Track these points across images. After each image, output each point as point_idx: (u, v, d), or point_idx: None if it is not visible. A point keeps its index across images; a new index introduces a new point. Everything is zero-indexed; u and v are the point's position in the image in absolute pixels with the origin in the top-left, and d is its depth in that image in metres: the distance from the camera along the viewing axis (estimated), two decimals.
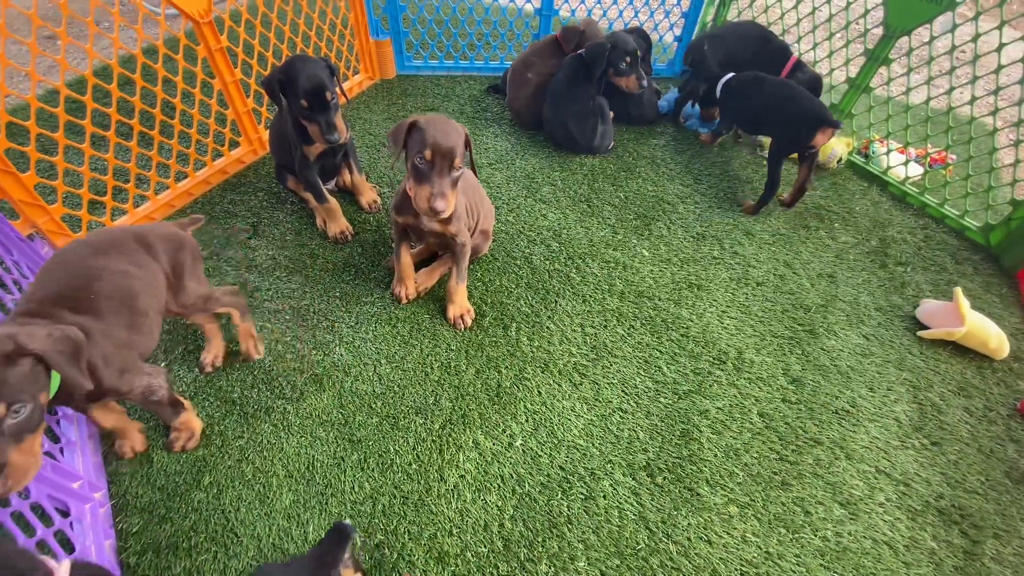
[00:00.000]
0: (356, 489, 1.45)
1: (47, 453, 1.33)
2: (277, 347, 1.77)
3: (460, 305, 1.88)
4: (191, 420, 1.52)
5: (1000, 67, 2.17)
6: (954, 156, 2.66)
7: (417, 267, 2.00)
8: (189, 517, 1.40)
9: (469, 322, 1.88)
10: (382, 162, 2.59)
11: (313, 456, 1.52)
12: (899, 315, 2.05)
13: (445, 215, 1.49)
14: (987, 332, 1.88)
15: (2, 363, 0.93)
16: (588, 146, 2.68)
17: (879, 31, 2.49)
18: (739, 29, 2.82)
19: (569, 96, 2.60)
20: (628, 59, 2.57)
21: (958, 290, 1.92)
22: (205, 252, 2.05)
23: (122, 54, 3.02)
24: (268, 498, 1.43)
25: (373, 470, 1.49)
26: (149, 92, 2.06)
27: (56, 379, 1.05)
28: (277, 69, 1.79)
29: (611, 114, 2.75)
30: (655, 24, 3.31)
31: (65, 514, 1.31)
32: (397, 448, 1.54)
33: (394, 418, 1.61)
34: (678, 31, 3.31)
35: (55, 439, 1.46)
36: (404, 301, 1.93)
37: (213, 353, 1.70)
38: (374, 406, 1.64)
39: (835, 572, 1.38)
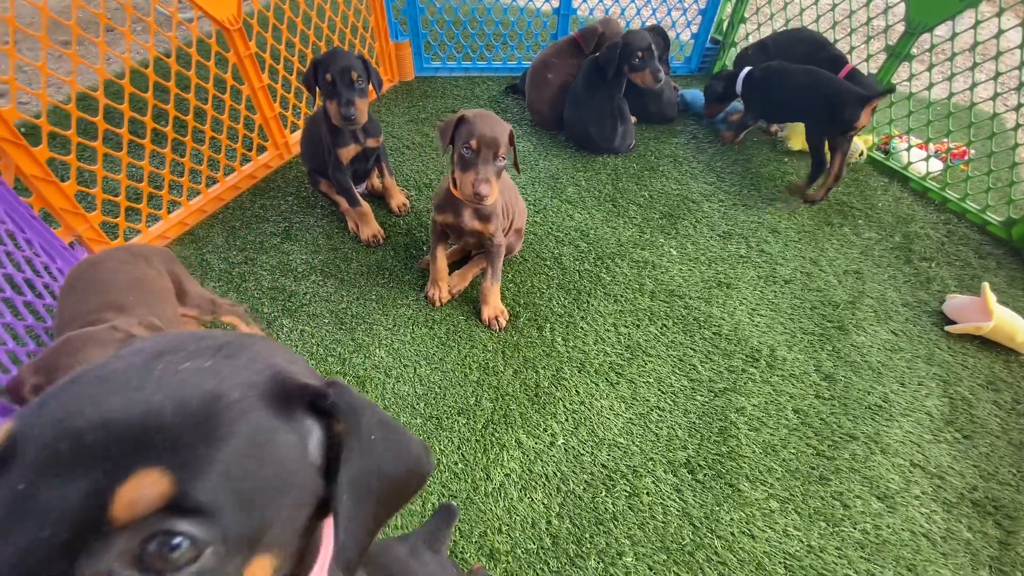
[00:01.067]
0: None
1: None
2: (319, 350, 1.80)
3: (494, 307, 1.91)
4: None
5: (1022, 63, 2.19)
6: (974, 151, 2.68)
7: (449, 269, 2.03)
8: None
9: (504, 323, 1.91)
10: (407, 165, 2.61)
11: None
12: (926, 310, 2.07)
13: (488, 201, 1.56)
14: (1015, 326, 1.91)
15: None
16: (609, 147, 2.70)
17: (901, 27, 2.50)
18: (792, 35, 2.81)
19: (588, 99, 2.62)
20: (640, 54, 2.50)
21: (986, 285, 1.94)
22: (238, 257, 2.08)
23: (146, 60, 3.04)
24: None
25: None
26: (181, 99, 2.08)
27: None
28: (315, 57, 1.85)
29: (632, 118, 2.77)
30: (672, 22, 3.32)
31: None
32: (442, 448, 1.58)
33: (437, 419, 1.64)
34: (695, 28, 3.32)
35: None
36: (438, 304, 1.96)
37: None
38: (417, 407, 1.67)
39: (876, 564, 1.41)
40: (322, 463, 0.42)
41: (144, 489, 0.31)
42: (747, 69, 2.58)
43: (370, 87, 1.88)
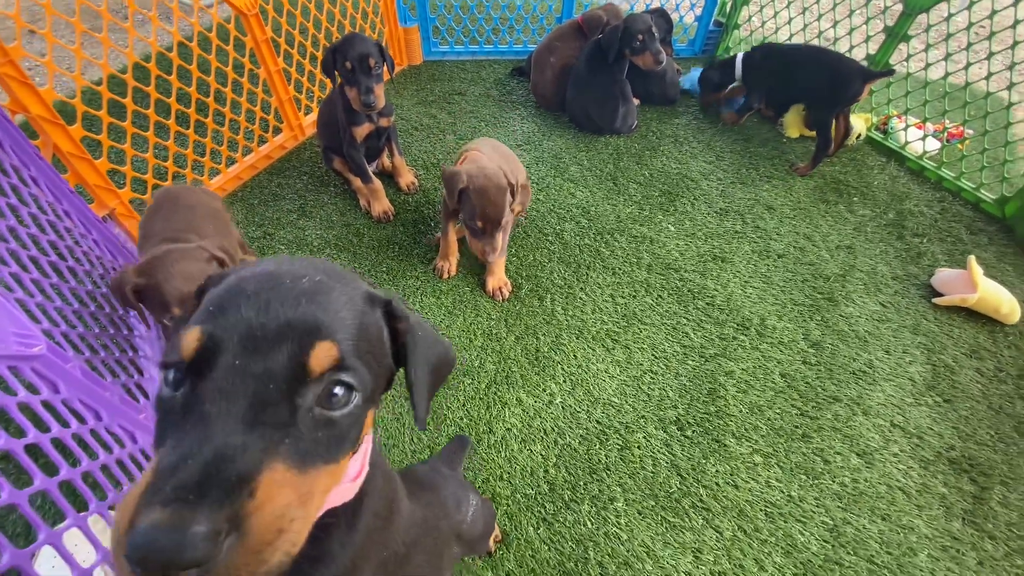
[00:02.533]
0: (415, 440, 1.61)
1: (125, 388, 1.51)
2: None
3: (499, 278, 2.02)
4: None
5: (1016, 43, 2.23)
6: (971, 131, 2.72)
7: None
8: None
9: (507, 294, 2.02)
10: (416, 146, 2.71)
11: (375, 414, 1.67)
12: (915, 283, 2.15)
13: (492, 258, 1.86)
14: (999, 298, 1.98)
15: (207, 268, 1.29)
16: (610, 128, 2.78)
17: (899, 8, 2.54)
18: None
19: (590, 81, 2.69)
20: (640, 37, 2.52)
21: (972, 258, 2.01)
22: (257, 233, 2.21)
23: (170, 44, 3.16)
24: None
25: (428, 425, 1.65)
26: (203, 82, 2.20)
27: None
28: (332, 43, 1.94)
29: (635, 101, 2.84)
30: (676, 4, 3.37)
31: (134, 440, 1.48)
32: (449, 405, 1.70)
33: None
34: (699, 11, 3.36)
35: (147, 396, 1.63)
36: (446, 276, 2.07)
37: None
38: None
39: (851, 513, 1.52)
40: (391, 348, 0.61)
41: (324, 353, 0.48)
42: (743, 52, 2.63)
43: (384, 70, 1.98)
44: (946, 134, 2.73)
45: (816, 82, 2.42)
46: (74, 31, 1.75)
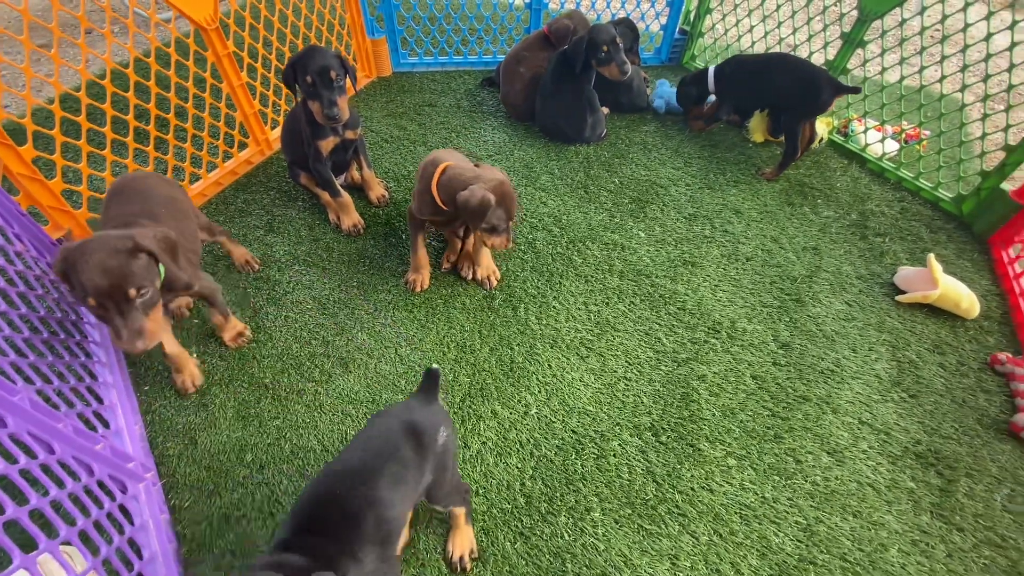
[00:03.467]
0: None
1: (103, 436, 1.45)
2: (303, 334, 1.89)
3: (487, 267, 2.03)
4: (238, 323, 1.87)
5: (967, 45, 2.32)
6: (927, 132, 2.81)
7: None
8: (236, 491, 1.52)
9: (495, 282, 2.03)
10: (386, 158, 2.70)
11: (346, 431, 1.64)
12: (878, 282, 2.20)
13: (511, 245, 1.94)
14: (959, 294, 2.04)
15: (127, 257, 1.24)
16: (579, 138, 2.80)
17: (855, 15, 2.62)
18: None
19: (557, 91, 2.71)
20: (605, 48, 2.54)
21: (931, 256, 2.07)
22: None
23: (127, 60, 3.09)
24: (307, 470, 1.56)
25: None
26: (163, 98, 2.15)
27: (162, 271, 1.34)
28: (292, 57, 1.91)
29: (604, 110, 2.87)
30: (642, 14, 3.42)
31: (124, 491, 1.43)
32: None
33: None
34: (664, 20, 3.42)
35: (106, 425, 1.57)
36: (418, 289, 2.05)
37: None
38: (398, 384, 1.77)
39: (824, 512, 1.54)
40: None
41: None
42: (715, 66, 2.67)
43: (347, 82, 1.96)
44: (904, 136, 2.82)
45: (789, 91, 2.46)
46: (23, 49, 1.70)
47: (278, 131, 2.68)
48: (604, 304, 2.05)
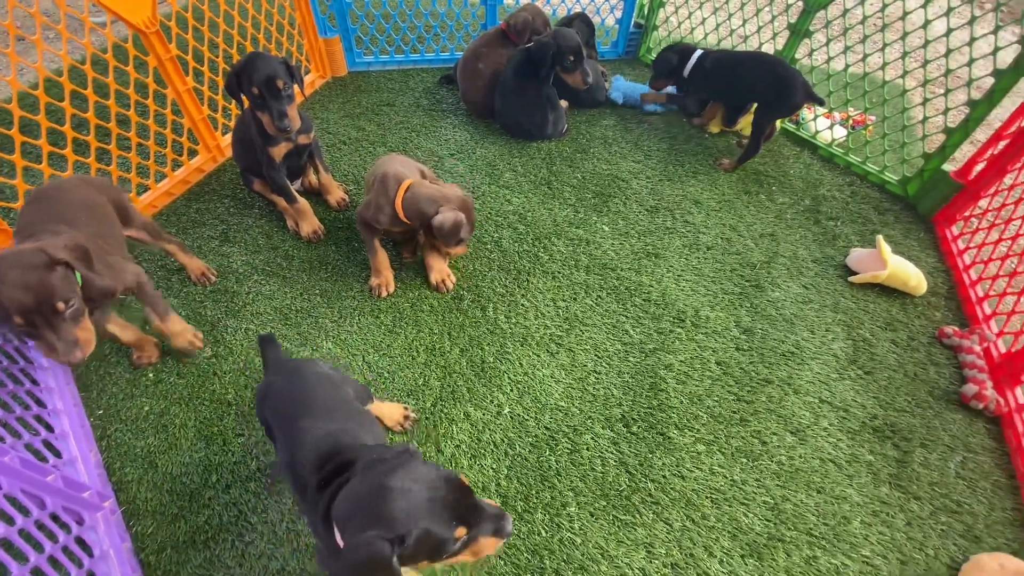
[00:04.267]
0: None
1: (54, 466, 1.38)
2: None
3: (440, 271, 2.01)
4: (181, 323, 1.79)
5: (906, 32, 2.42)
6: (873, 117, 2.93)
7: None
8: (202, 513, 1.47)
9: (451, 286, 2.02)
10: (344, 160, 2.64)
11: None
12: (832, 265, 2.29)
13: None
14: (907, 272, 2.14)
15: (44, 271, 1.20)
16: (541, 135, 2.80)
17: (801, 5, 2.70)
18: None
19: (517, 89, 2.70)
20: (572, 57, 2.58)
21: (880, 237, 2.16)
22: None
23: (60, 69, 2.92)
24: (277, 487, 1.52)
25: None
26: (102, 106, 2.04)
27: (78, 276, 1.32)
28: (234, 65, 1.83)
29: (564, 103, 2.87)
30: (597, 8, 3.44)
31: (80, 522, 1.37)
32: (391, 428, 1.65)
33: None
34: (619, 14, 3.45)
35: (58, 454, 1.49)
36: (384, 294, 2.02)
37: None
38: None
39: (789, 490, 1.59)
40: None
41: None
42: (699, 53, 2.67)
43: (296, 89, 1.90)
44: (851, 122, 2.93)
45: (766, 89, 2.47)
46: None
47: (230, 137, 2.60)
48: (572, 299, 2.06)
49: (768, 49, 2.92)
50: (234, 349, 1.83)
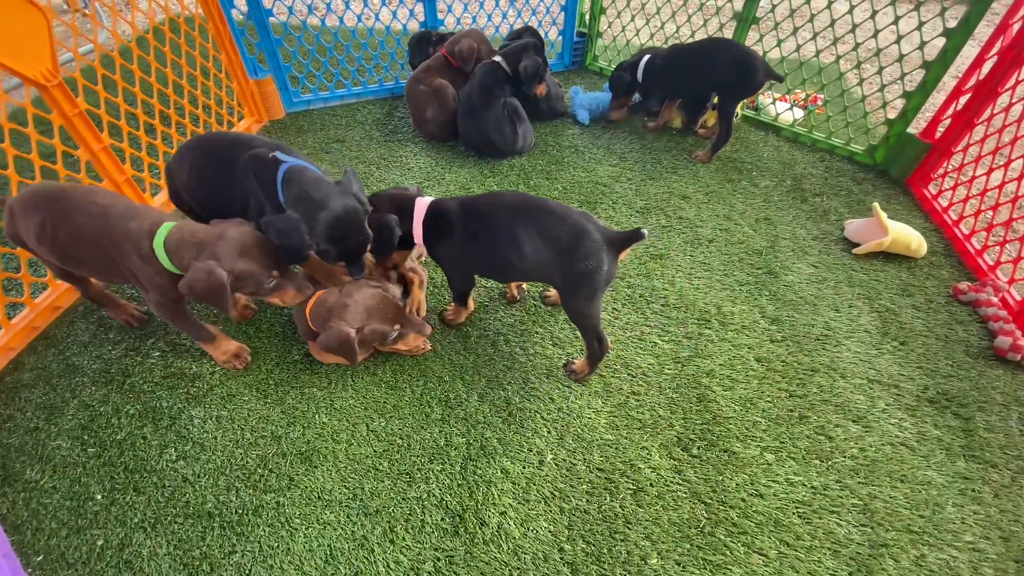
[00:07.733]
0: (393, 566, 1.26)
1: None
2: (245, 434, 1.51)
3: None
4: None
5: (833, 20, 2.48)
6: (823, 96, 2.98)
7: None
8: None
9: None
10: None
11: (329, 545, 1.29)
12: (832, 239, 2.23)
13: None
14: (908, 236, 2.10)
15: None
16: (512, 149, 2.65)
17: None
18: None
19: (483, 106, 2.55)
20: (540, 78, 2.67)
21: (876, 205, 2.12)
22: (115, 352, 1.71)
23: None
24: None
25: (404, 538, 1.31)
26: (3, 178, 1.68)
27: None
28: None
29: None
30: (539, 22, 3.38)
31: None
32: (423, 505, 1.37)
33: (408, 473, 1.43)
34: (561, 25, 3.40)
35: None
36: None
37: None
38: (380, 466, 1.45)
39: (874, 485, 1.44)
40: None
41: None
42: (647, 56, 2.61)
43: None
44: (810, 98, 2.97)
45: (726, 72, 2.41)
46: None
47: (161, 196, 2.26)
48: None
49: None
50: (205, 444, 1.49)
